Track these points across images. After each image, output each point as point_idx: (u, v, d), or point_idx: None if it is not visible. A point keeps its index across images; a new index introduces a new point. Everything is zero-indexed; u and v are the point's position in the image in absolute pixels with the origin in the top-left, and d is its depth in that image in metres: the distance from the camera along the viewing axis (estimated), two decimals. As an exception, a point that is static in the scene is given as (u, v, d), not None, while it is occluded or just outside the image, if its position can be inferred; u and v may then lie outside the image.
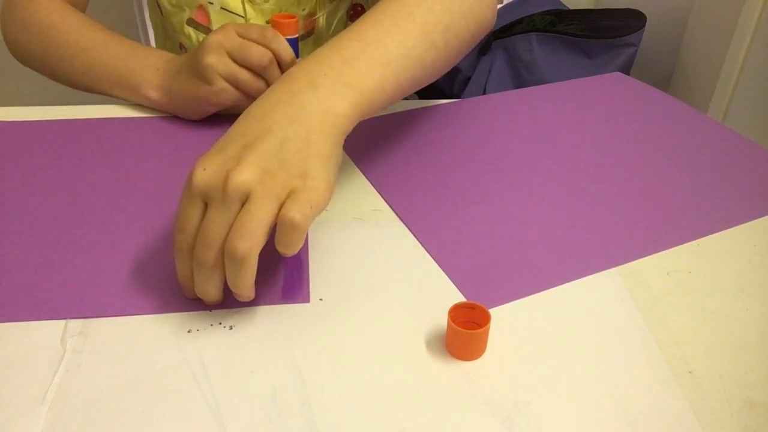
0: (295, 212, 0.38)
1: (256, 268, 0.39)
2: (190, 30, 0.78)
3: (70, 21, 0.69)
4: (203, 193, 0.39)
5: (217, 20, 0.76)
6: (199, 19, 0.77)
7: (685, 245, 0.50)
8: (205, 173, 0.39)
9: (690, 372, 0.39)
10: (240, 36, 0.59)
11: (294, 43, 0.61)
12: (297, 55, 0.61)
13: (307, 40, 0.79)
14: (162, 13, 0.80)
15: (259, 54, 0.58)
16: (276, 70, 0.59)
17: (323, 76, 0.45)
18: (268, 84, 0.59)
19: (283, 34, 0.59)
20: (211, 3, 0.75)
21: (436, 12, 0.54)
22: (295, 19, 0.60)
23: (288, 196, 0.39)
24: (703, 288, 0.46)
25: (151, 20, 0.90)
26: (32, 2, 0.71)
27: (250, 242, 0.37)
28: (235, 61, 0.59)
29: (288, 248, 0.39)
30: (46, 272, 0.45)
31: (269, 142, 0.40)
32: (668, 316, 0.44)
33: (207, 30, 0.77)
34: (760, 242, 0.51)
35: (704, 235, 0.52)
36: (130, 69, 0.65)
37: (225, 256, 0.38)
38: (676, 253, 0.50)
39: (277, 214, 0.38)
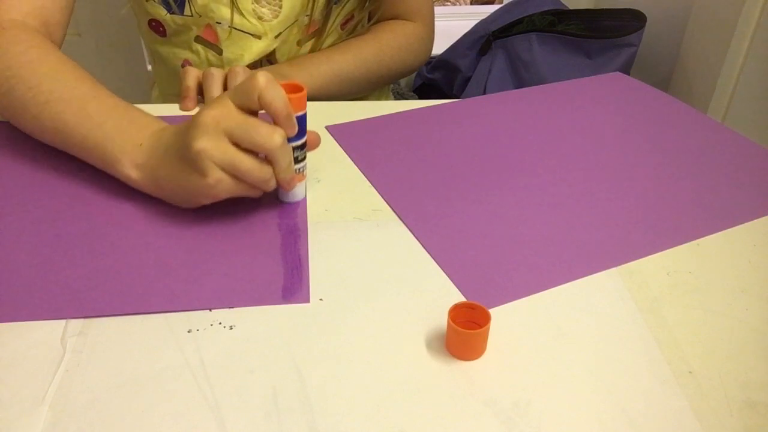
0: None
1: None
2: (198, 47, 0.78)
3: (49, 63, 0.57)
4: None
5: (225, 38, 0.76)
6: (207, 36, 0.77)
7: (685, 245, 0.50)
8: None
9: (690, 372, 0.40)
10: (240, 107, 0.47)
11: (302, 120, 0.50)
12: (304, 130, 0.50)
13: (306, 44, 0.81)
14: (165, 33, 0.79)
15: (267, 135, 0.46)
16: (287, 152, 0.48)
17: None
18: (275, 170, 0.48)
19: (294, 111, 0.48)
20: (219, 23, 0.75)
21: (386, 53, 0.82)
22: (303, 93, 0.49)
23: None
24: (703, 288, 0.46)
25: (144, 44, 0.88)
26: (9, 33, 0.60)
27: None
28: (236, 144, 0.46)
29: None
30: (46, 272, 0.45)
31: None
32: (668, 316, 0.44)
33: (216, 48, 0.77)
34: (760, 242, 0.51)
35: (704, 235, 0.51)
36: (108, 138, 0.52)
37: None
38: (676, 253, 0.50)
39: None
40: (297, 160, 0.51)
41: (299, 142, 0.50)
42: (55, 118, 0.54)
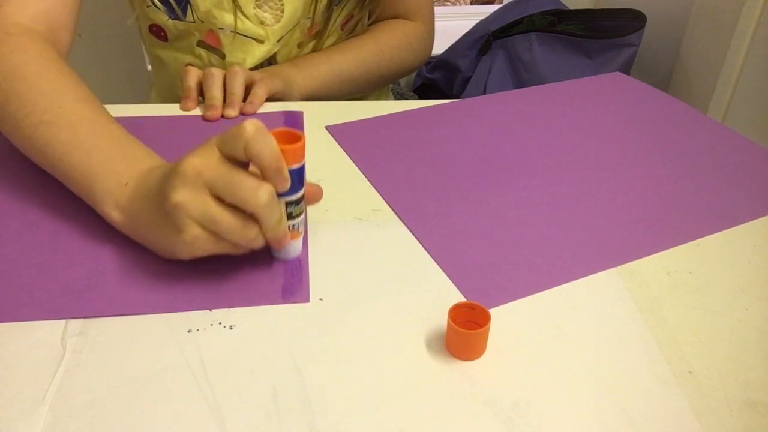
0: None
1: None
2: (201, 51, 0.78)
3: (49, 78, 0.54)
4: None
5: (228, 43, 0.76)
6: (210, 41, 0.77)
7: (685, 245, 0.50)
8: None
9: (690, 372, 0.40)
10: (227, 156, 0.41)
11: (298, 173, 0.43)
12: (301, 183, 0.44)
13: (307, 46, 0.81)
14: (166, 37, 0.79)
15: (250, 192, 0.40)
16: (275, 210, 0.42)
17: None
18: (262, 228, 0.42)
19: (288, 164, 0.42)
20: (222, 29, 0.75)
21: (385, 52, 0.83)
22: (300, 143, 0.42)
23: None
24: (703, 288, 0.46)
25: (145, 48, 0.87)
26: (12, 39, 0.57)
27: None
28: (218, 198, 0.41)
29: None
30: (46, 272, 0.45)
31: None
32: (668, 316, 0.44)
33: (219, 52, 0.77)
34: (760, 242, 0.51)
35: (704, 235, 0.51)
36: (94, 171, 0.48)
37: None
38: (676, 253, 0.50)
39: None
40: (291, 216, 0.44)
41: (294, 197, 0.44)
42: (44, 141, 0.50)
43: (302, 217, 0.46)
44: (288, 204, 0.44)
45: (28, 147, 0.52)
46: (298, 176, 0.43)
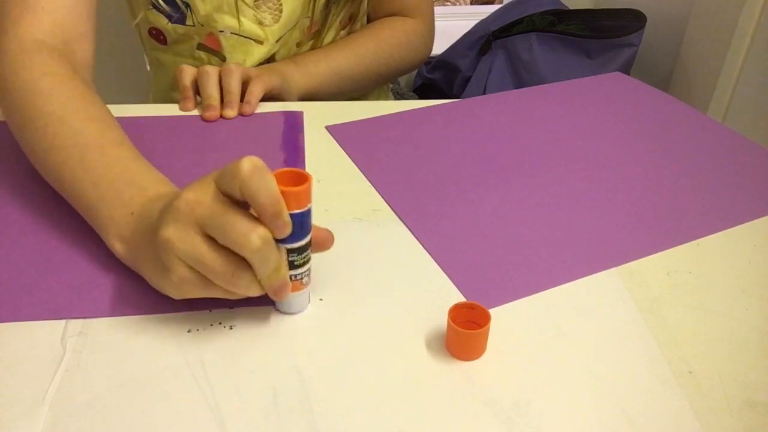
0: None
1: None
2: (201, 54, 0.78)
3: (59, 99, 0.52)
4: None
5: (228, 45, 0.76)
6: (210, 44, 0.77)
7: (685, 245, 0.50)
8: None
9: (690, 372, 0.40)
10: (224, 192, 0.37)
11: (303, 217, 0.38)
12: (307, 229, 0.40)
13: (305, 45, 0.82)
14: (166, 41, 0.79)
15: (242, 235, 0.36)
16: (270, 256, 0.38)
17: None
18: (257, 275, 0.38)
19: (290, 208, 0.37)
20: (222, 32, 0.75)
21: (385, 50, 0.83)
22: (306, 185, 0.38)
23: None
24: (703, 288, 0.46)
25: (145, 51, 0.87)
26: (26, 56, 0.56)
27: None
28: (211, 238, 0.38)
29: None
30: (46, 272, 0.45)
31: None
32: (668, 316, 0.44)
33: (219, 54, 0.77)
34: (760, 242, 0.51)
35: (704, 235, 0.51)
36: (100, 199, 0.46)
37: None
38: (676, 253, 0.50)
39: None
40: (293, 266, 0.40)
41: (296, 245, 0.39)
42: (55, 167, 0.50)
43: (307, 267, 0.41)
44: (290, 252, 0.39)
45: (42, 171, 0.52)
46: (301, 222, 0.39)
